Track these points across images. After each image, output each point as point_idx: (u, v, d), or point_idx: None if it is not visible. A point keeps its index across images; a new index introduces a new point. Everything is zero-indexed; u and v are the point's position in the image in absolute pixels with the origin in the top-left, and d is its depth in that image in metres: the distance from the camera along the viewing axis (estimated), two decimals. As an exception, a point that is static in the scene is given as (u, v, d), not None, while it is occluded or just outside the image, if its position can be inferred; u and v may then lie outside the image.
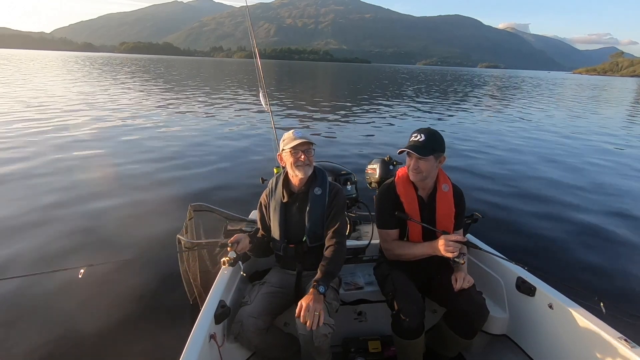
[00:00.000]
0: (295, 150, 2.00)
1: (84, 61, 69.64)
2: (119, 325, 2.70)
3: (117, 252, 3.73)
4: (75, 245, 3.84)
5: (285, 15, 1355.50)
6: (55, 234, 4.06)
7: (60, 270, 1.82)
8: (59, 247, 3.79)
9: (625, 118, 18.12)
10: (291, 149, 2.00)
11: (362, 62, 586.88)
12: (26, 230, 4.10)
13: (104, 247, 3.83)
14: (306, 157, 2.01)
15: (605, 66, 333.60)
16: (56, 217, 4.46)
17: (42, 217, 4.44)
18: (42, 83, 21.71)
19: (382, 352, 2.20)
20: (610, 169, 7.82)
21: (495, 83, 50.73)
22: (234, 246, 2.00)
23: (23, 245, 3.78)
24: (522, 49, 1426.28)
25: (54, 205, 4.80)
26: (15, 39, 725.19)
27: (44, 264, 3.47)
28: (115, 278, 3.26)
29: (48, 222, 4.32)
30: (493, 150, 9.13)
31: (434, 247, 1.94)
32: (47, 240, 3.90)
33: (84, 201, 4.98)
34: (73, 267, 1.76)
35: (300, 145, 1.99)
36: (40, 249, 3.72)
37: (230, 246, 2.00)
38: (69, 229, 4.19)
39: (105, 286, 3.14)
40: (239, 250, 2.02)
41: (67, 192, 5.24)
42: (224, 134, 9.87)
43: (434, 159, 1.98)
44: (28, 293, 3.03)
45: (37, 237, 3.96)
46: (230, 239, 2.03)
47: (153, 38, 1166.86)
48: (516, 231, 4.61)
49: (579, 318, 1.75)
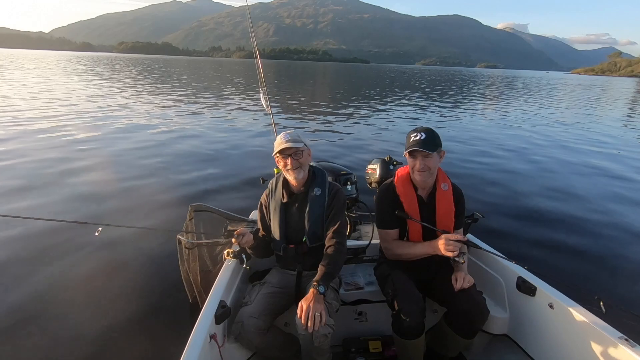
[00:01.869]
0: (281, 154, 1.99)
1: (83, 61, 69.48)
2: (119, 325, 2.70)
3: (117, 251, 3.73)
4: (75, 245, 3.82)
5: (284, 15, 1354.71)
6: (54, 229, 4.06)
7: (81, 223, 1.91)
8: (59, 246, 3.80)
9: (624, 117, 18.16)
10: (277, 155, 2.00)
11: (361, 62, 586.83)
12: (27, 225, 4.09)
13: (104, 247, 3.82)
14: (294, 161, 1.98)
15: (603, 66, 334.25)
16: (53, 215, 4.44)
17: (41, 215, 4.41)
18: (40, 80, 21.66)
19: (382, 352, 2.20)
20: (610, 168, 7.84)
21: (494, 83, 50.78)
22: (239, 238, 1.99)
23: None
24: (521, 49, 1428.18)
25: (54, 204, 4.79)
26: (13, 39, 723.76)
27: (45, 262, 3.47)
28: (115, 278, 3.26)
29: (46, 217, 4.30)
30: (493, 150, 9.14)
31: (434, 247, 1.94)
32: (48, 238, 3.90)
33: (84, 201, 4.98)
34: (92, 222, 1.85)
35: (286, 150, 1.97)
36: (41, 245, 3.75)
37: (235, 238, 1.99)
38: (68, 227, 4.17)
39: (106, 286, 3.14)
40: (244, 244, 2.02)
41: (67, 192, 5.22)
42: (224, 134, 9.86)
43: (437, 155, 1.99)
44: (27, 291, 3.03)
45: (37, 235, 3.96)
46: (237, 231, 2.01)
47: (152, 38, 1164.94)
48: (516, 231, 4.62)
49: (580, 318, 1.75)
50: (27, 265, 3.44)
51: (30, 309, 2.86)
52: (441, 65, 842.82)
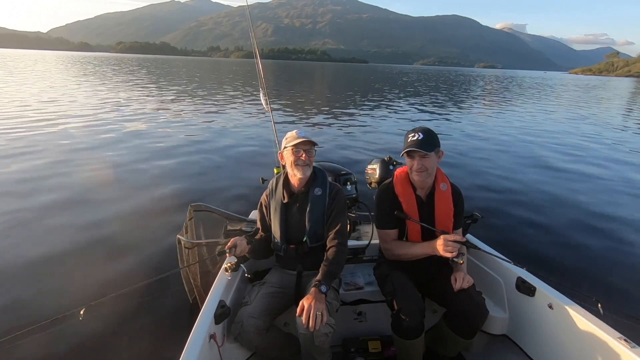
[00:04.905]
0: (297, 148, 2.00)
1: (82, 61, 69.28)
2: (119, 325, 2.69)
3: (117, 251, 3.72)
4: (74, 245, 3.83)
5: (282, 15, 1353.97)
6: (55, 231, 4.07)
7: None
8: (60, 244, 3.82)
9: (622, 116, 18.22)
10: (293, 147, 2.00)
11: (359, 62, 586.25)
12: (27, 225, 4.11)
13: (104, 247, 3.82)
14: (307, 157, 2.01)
15: (600, 66, 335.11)
16: (55, 216, 4.45)
17: (42, 216, 4.43)
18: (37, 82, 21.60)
19: (382, 352, 2.20)
20: (610, 169, 7.86)
21: (494, 83, 50.84)
22: (232, 251, 1.96)
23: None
24: (519, 49, 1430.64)
25: (54, 204, 4.79)
26: (11, 39, 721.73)
27: (46, 258, 3.49)
28: (115, 278, 3.26)
29: (48, 221, 4.32)
30: (493, 150, 9.16)
31: (433, 247, 1.94)
32: (48, 239, 3.90)
33: (84, 201, 4.97)
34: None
35: (303, 144, 1.99)
36: (41, 245, 3.75)
37: (228, 252, 1.96)
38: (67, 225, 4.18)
39: (105, 286, 3.13)
40: (238, 254, 1.99)
41: (66, 192, 5.22)
42: (223, 134, 9.85)
43: (435, 155, 1.99)
44: (28, 291, 3.03)
45: (38, 235, 3.96)
46: (227, 245, 1.97)
47: (150, 38, 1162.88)
48: (516, 231, 4.62)
49: (579, 318, 1.75)
50: (28, 265, 3.44)
51: (30, 309, 2.86)
52: (440, 65, 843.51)
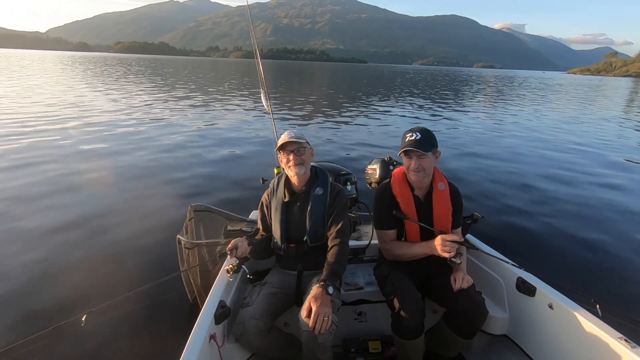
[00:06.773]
0: (284, 150, 2.01)
1: (81, 61, 69.15)
2: (119, 325, 2.69)
3: (117, 252, 3.72)
4: (74, 246, 3.82)
5: (282, 14, 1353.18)
6: (55, 230, 4.08)
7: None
8: (58, 243, 3.82)
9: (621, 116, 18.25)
10: (280, 150, 2.02)
11: (358, 62, 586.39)
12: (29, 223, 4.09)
13: (104, 248, 3.81)
14: (297, 157, 2.00)
15: (599, 66, 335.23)
16: (54, 216, 4.45)
17: (41, 216, 4.43)
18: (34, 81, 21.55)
19: (382, 352, 2.20)
20: (610, 169, 7.87)
21: (492, 83, 50.88)
22: (234, 253, 1.95)
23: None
24: (518, 49, 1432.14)
25: (54, 204, 4.78)
26: (9, 39, 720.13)
27: (48, 252, 3.48)
28: (115, 278, 3.25)
29: (48, 219, 4.32)
30: (493, 150, 9.17)
31: (431, 247, 1.94)
32: (48, 236, 3.90)
33: (84, 201, 4.96)
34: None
35: (289, 145, 1.99)
36: (42, 244, 3.75)
37: (230, 254, 1.95)
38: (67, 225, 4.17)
39: (105, 286, 3.12)
40: (240, 255, 1.97)
41: (67, 192, 5.21)
42: (224, 134, 9.84)
43: (432, 155, 1.99)
44: (27, 291, 3.02)
45: (36, 240, 3.95)
46: (227, 247, 1.96)
47: (149, 38, 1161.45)
48: (516, 231, 4.62)
49: (579, 318, 1.75)
50: (27, 265, 3.43)
51: (30, 308, 2.85)
52: (439, 65, 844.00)
